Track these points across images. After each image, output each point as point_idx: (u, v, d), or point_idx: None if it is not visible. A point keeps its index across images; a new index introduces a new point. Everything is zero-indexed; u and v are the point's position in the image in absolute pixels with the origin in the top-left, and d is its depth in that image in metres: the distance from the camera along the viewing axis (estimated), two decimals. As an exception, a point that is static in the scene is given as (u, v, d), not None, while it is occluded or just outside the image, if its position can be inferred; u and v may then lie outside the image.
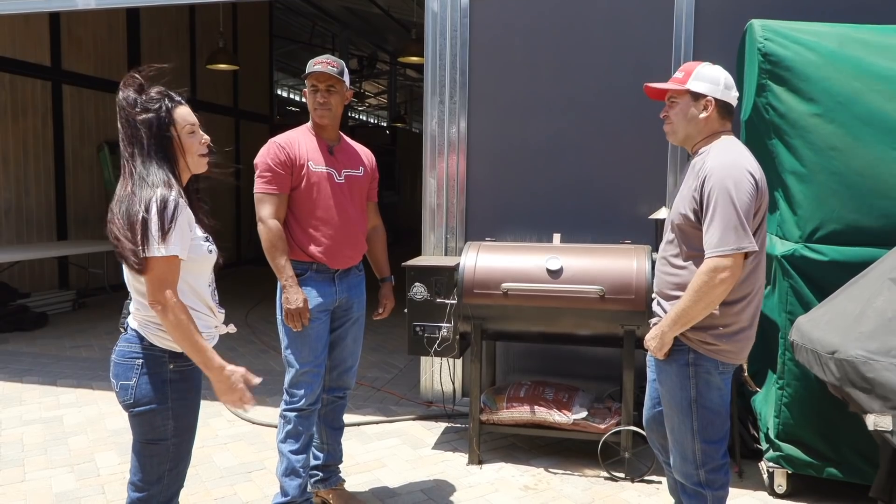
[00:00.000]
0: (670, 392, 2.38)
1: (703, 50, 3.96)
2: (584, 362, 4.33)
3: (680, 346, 2.32)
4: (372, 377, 5.23)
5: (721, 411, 2.35)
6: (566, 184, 4.26)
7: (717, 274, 2.14)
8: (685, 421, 2.35)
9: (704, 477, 2.35)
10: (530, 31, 4.26)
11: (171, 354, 2.01)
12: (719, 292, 2.16)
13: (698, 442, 2.34)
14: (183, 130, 2.01)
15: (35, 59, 7.67)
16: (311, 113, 2.97)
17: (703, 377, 2.30)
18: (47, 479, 3.50)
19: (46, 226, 7.98)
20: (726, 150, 2.27)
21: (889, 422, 2.25)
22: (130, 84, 1.97)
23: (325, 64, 2.89)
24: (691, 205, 2.26)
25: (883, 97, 2.90)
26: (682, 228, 2.31)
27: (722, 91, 2.33)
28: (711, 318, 2.25)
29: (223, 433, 4.11)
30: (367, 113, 26.59)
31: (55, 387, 4.95)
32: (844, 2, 3.74)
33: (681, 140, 2.42)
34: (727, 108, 2.35)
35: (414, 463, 3.73)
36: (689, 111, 2.35)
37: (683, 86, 2.34)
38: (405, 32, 11.67)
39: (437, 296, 3.68)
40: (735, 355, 2.31)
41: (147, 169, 1.93)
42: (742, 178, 2.18)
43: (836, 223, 2.94)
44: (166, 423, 2.01)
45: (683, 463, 2.40)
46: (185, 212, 1.95)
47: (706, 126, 2.34)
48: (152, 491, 2.05)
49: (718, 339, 2.26)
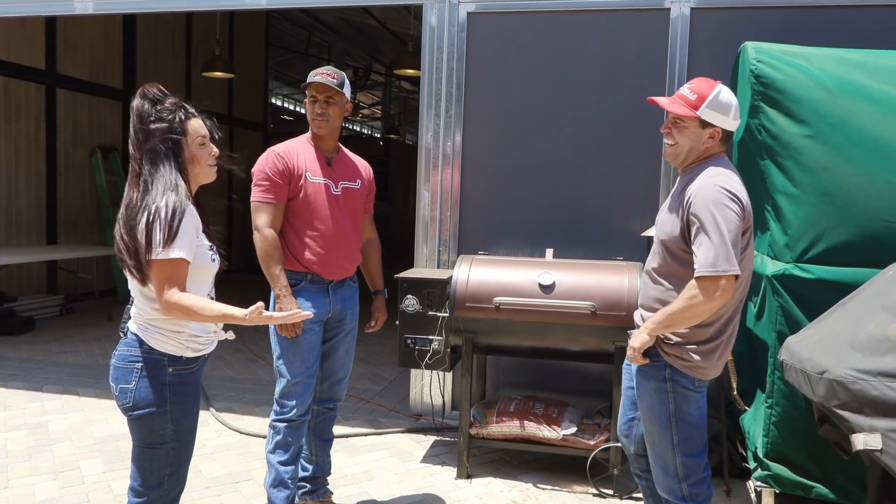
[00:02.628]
0: (650, 407, 2.43)
1: (697, 71, 3.99)
2: (575, 378, 4.33)
3: (658, 361, 2.38)
4: (361, 389, 5.21)
5: (700, 424, 2.41)
6: (560, 199, 4.28)
7: (709, 293, 2.18)
8: (665, 435, 2.39)
9: (688, 491, 2.39)
10: (527, 47, 4.30)
11: (170, 358, 2.03)
12: (707, 308, 2.22)
13: (679, 455, 2.38)
14: (194, 142, 2.06)
15: (30, 63, 7.65)
16: (310, 123, 2.97)
17: (680, 392, 2.37)
18: (31, 486, 3.46)
19: (36, 229, 7.92)
20: (713, 175, 2.29)
21: (879, 441, 2.25)
22: (147, 93, 2.02)
23: (325, 75, 2.89)
24: (678, 223, 2.31)
25: (874, 119, 2.94)
26: (667, 245, 2.36)
27: (730, 122, 2.35)
28: (688, 335, 2.32)
29: (210, 443, 4.08)
30: (360, 124, 26.63)
31: (41, 392, 4.90)
32: (836, 26, 3.80)
33: (680, 162, 2.43)
34: (729, 136, 2.39)
35: (402, 476, 3.71)
36: (695, 137, 2.35)
37: (695, 112, 2.32)
38: (401, 45, 11.73)
39: (428, 308, 3.68)
40: (708, 371, 2.37)
41: (155, 176, 1.97)
42: (728, 200, 2.21)
43: (827, 243, 2.96)
44: (165, 426, 2.02)
45: (666, 477, 2.43)
46: (194, 217, 2.00)
47: (706, 151, 2.37)
48: (152, 496, 2.06)
49: (695, 356, 2.33)
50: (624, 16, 4.16)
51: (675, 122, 2.37)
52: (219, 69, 9.57)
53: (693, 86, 2.37)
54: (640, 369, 2.46)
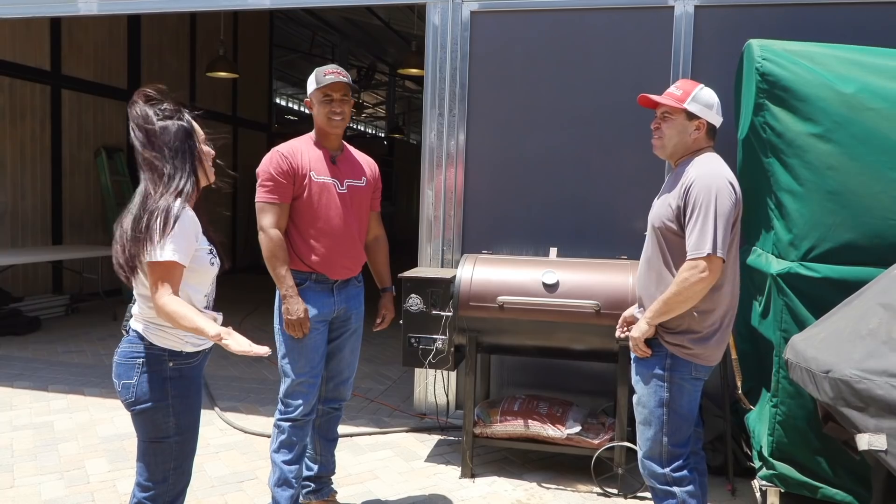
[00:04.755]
0: (646, 393, 2.57)
1: (702, 69, 3.99)
2: (579, 377, 4.33)
3: (659, 349, 2.52)
4: (365, 388, 5.21)
5: (689, 417, 2.56)
6: (563, 198, 4.28)
7: (697, 272, 2.34)
8: (656, 422, 2.54)
9: (671, 477, 2.54)
10: (530, 46, 4.29)
11: (170, 353, 2.07)
12: (699, 289, 2.37)
13: (666, 444, 2.54)
14: (201, 140, 2.11)
15: (35, 63, 7.67)
16: (324, 124, 2.93)
17: (677, 382, 2.51)
18: (36, 485, 3.47)
19: (42, 230, 7.95)
20: (709, 162, 2.47)
21: (884, 441, 2.24)
22: (140, 98, 2.04)
23: (338, 74, 2.89)
24: (673, 211, 2.45)
25: (880, 117, 2.92)
26: (663, 232, 2.50)
27: (714, 115, 2.54)
28: (689, 323, 2.45)
29: (215, 442, 4.09)
30: (364, 123, 26.64)
31: (46, 392, 4.92)
32: (840, 23, 3.78)
33: (668, 154, 2.59)
34: (714, 130, 2.58)
35: (406, 475, 3.71)
36: (681, 128, 2.53)
37: (681, 104, 2.51)
38: (405, 44, 11.72)
39: (432, 308, 3.68)
40: (708, 358, 2.51)
41: (163, 177, 2.00)
42: (724, 186, 2.39)
43: (832, 242, 2.95)
44: (167, 420, 2.06)
45: (651, 462, 2.59)
46: (193, 221, 2.02)
47: (694, 143, 2.55)
48: (158, 490, 2.10)
49: (694, 344, 2.47)
50: (628, 14, 4.15)
51: (663, 116, 2.56)
52: (223, 69, 9.59)
53: (678, 84, 2.58)
54: (639, 357, 2.59)
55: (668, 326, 2.50)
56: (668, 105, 2.52)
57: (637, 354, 2.59)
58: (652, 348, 2.53)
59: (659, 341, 2.51)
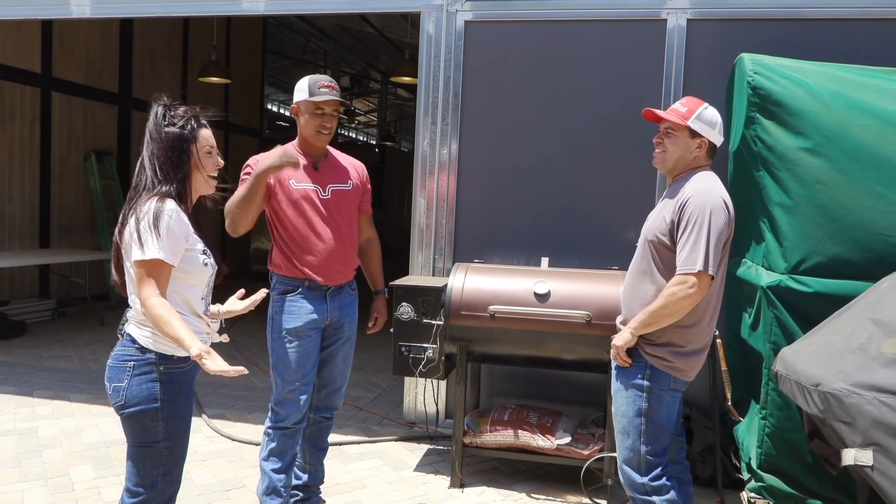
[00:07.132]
0: (625, 403, 2.59)
1: (693, 82, 4.02)
2: (569, 387, 4.33)
3: (639, 360, 2.55)
4: (354, 396, 5.19)
5: (668, 427, 2.59)
6: (555, 208, 4.29)
7: (686, 288, 2.37)
8: (634, 431, 2.57)
9: (650, 486, 2.56)
10: (524, 56, 4.31)
11: (161, 357, 2.07)
12: (685, 304, 2.40)
13: (643, 454, 2.56)
14: (202, 150, 2.14)
15: (25, 66, 7.62)
16: (311, 136, 2.93)
17: (655, 393, 2.54)
18: (20, 492, 3.42)
19: (29, 233, 7.88)
20: (706, 180, 2.51)
21: (870, 457, 2.25)
22: (159, 100, 2.12)
23: (332, 89, 2.89)
24: (667, 225, 2.48)
25: (870, 132, 2.95)
26: (655, 246, 2.53)
27: (716, 135, 2.59)
28: (670, 336, 2.48)
29: (202, 450, 4.05)
30: (356, 130, 26.64)
31: (31, 397, 4.86)
32: (834, 40, 3.82)
33: (668, 169, 2.62)
34: (714, 149, 2.62)
35: (395, 485, 3.69)
36: (684, 145, 2.56)
37: (685, 122, 2.54)
38: (398, 52, 11.75)
39: (423, 316, 3.67)
40: (687, 373, 2.55)
41: (156, 179, 2.06)
42: (719, 206, 2.42)
43: (821, 256, 2.97)
44: (156, 424, 2.06)
45: (630, 470, 2.60)
46: (181, 223, 2.05)
47: (693, 161, 2.58)
48: (146, 496, 2.10)
49: (675, 357, 2.50)
50: (621, 26, 4.18)
51: (667, 132, 2.59)
52: (215, 74, 9.57)
53: (684, 101, 2.62)
54: (619, 367, 2.62)
55: (649, 338, 2.53)
56: (671, 121, 2.56)
57: (618, 363, 2.62)
58: (633, 358, 2.56)
59: (640, 352, 2.54)
